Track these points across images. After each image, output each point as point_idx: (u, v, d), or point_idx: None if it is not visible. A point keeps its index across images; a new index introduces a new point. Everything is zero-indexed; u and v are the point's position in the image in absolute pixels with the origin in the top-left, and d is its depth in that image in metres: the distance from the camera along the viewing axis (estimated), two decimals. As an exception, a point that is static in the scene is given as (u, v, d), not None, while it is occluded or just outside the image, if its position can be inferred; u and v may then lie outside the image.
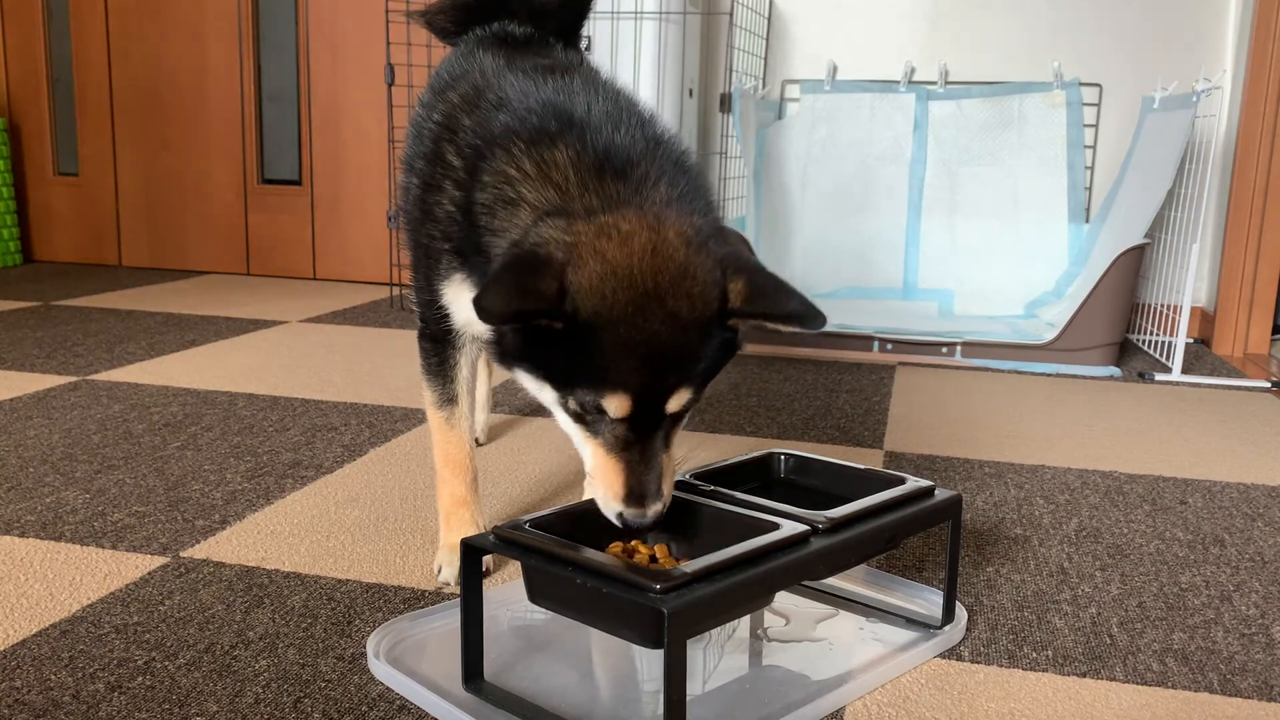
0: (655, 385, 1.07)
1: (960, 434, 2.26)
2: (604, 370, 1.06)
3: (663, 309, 1.06)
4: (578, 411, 1.11)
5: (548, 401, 1.16)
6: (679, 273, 1.07)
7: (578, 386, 1.09)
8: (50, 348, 2.86)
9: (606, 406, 1.08)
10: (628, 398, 1.07)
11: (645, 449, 1.10)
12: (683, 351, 1.08)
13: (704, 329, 1.08)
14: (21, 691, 1.15)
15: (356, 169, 4.11)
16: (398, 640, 1.26)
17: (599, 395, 1.07)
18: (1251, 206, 3.17)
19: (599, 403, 1.08)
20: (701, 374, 1.10)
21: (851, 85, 3.64)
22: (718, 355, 1.12)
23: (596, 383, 1.07)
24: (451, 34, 1.73)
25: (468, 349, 1.47)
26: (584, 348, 1.06)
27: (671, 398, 1.09)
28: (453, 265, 1.34)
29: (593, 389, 1.08)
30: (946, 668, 1.25)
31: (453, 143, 1.31)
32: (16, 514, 1.67)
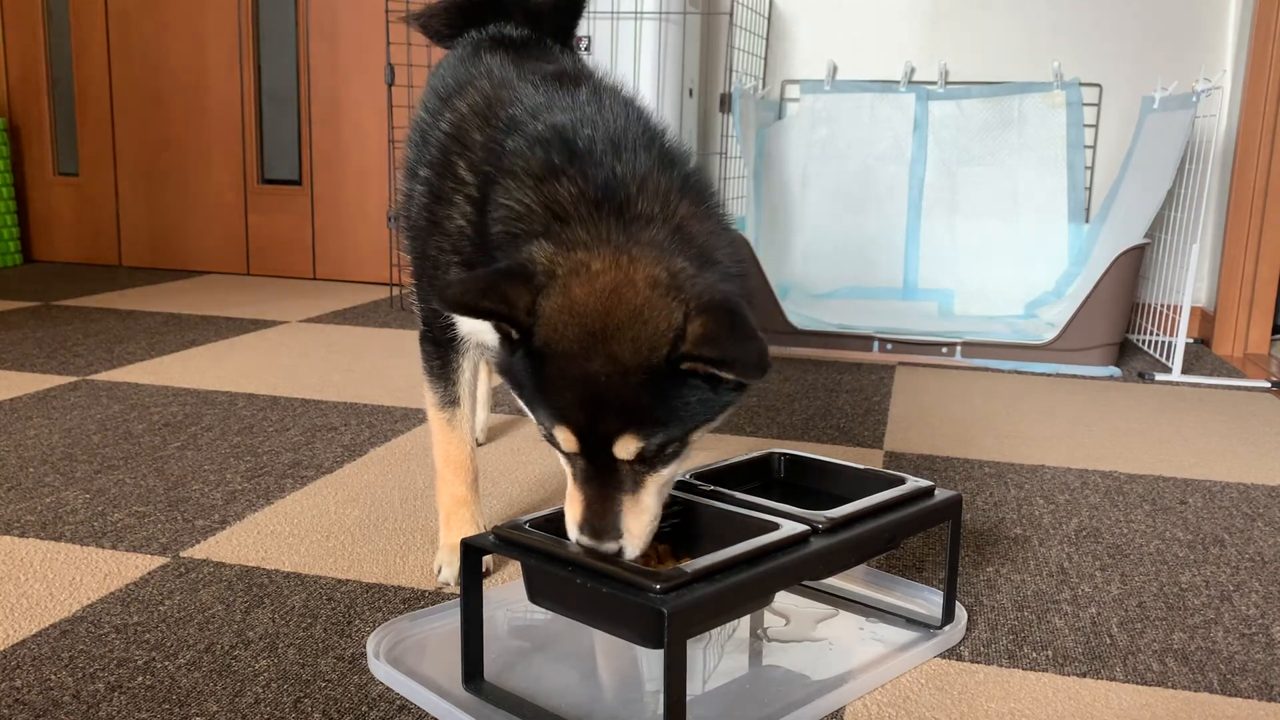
0: (596, 427, 1.05)
1: (960, 434, 2.26)
2: (551, 401, 1.07)
3: (604, 350, 1.03)
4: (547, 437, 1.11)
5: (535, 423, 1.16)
6: (630, 316, 1.04)
7: (539, 412, 1.09)
8: (50, 348, 2.86)
9: (556, 437, 1.08)
10: (571, 433, 1.06)
11: (604, 486, 1.08)
12: (623, 396, 1.03)
13: (648, 374, 1.03)
14: (21, 691, 1.15)
15: (356, 169, 4.11)
16: (398, 640, 1.26)
17: (551, 425, 1.08)
18: (1251, 206, 3.17)
19: (551, 433, 1.08)
20: (653, 422, 1.04)
21: (851, 85, 3.64)
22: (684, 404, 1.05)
23: (547, 412, 1.08)
24: (446, 37, 1.72)
25: (470, 352, 1.47)
26: (539, 374, 1.07)
27: (617, 443, 1.05)
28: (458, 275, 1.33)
29: (546, 418, 1.08)
30: (946, 668, 1.25)
31: (464, 158, 1.30)
32: (16, 514, 1.67)
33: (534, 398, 1.09)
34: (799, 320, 3.08)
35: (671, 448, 1.09)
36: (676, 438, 1.08)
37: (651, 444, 1.06)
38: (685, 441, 1.11)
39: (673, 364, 1.03)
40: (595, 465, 1.08)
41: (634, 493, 1.09)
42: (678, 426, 1.07)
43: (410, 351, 2.89)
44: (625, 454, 1.06)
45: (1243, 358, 3.17)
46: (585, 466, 1.09)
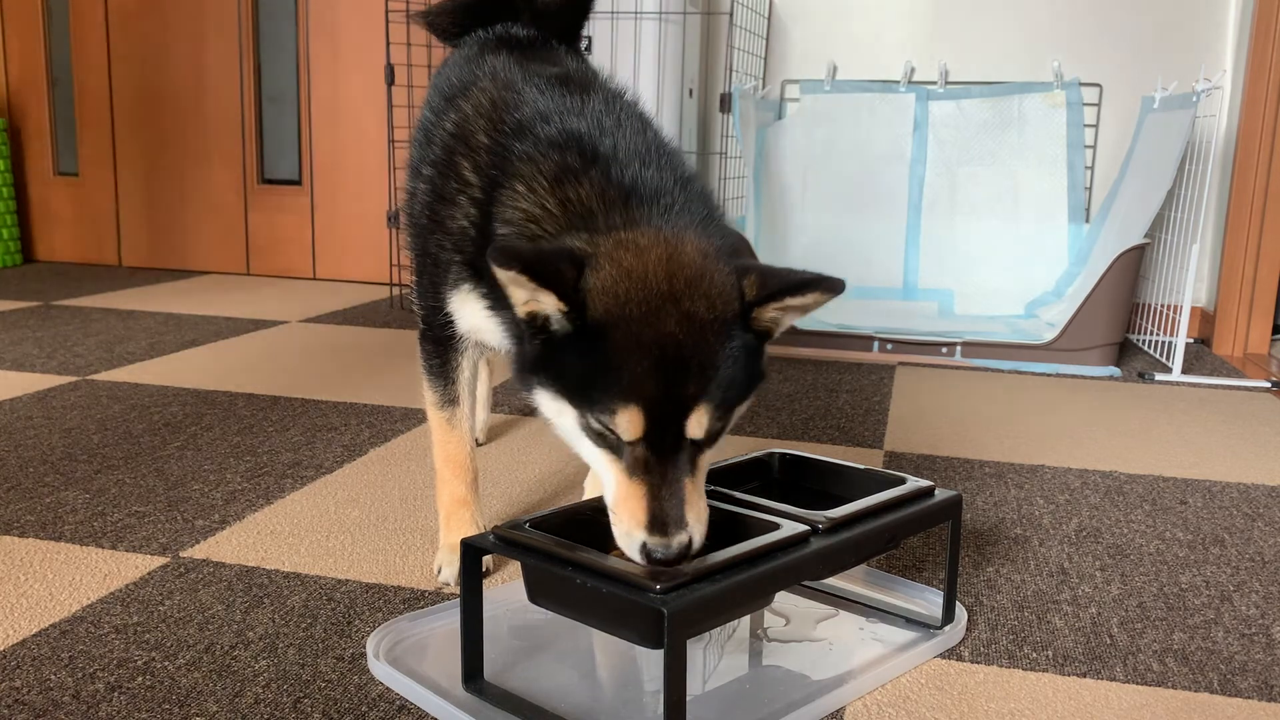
0: (671, 397, 1.01)
1: (960, 434, 2.26)
2: (617, 379, 1.02)
3: (678, 309, 1.03)
4: (599, 432, 1.05)
5: (569, 428, 1.10)
6: (695, 276, 1.05)
7: (593, 400, 1.04)
8: (50, 347, 2.86)
9: (619, 424, 1.02)
10: (640, 412, 1.01)
11: (669, 472, 1.03)
12: (701, 357, 1.02)
13: (722, 331, 1.04)
14: (21, 691, 1.15)
15: (356, 169, 4.11)
16: (398, 640, 1.26)
17: (611, 409, 1.02)
18: (1251, 206, 3.17)
19: (612, 420, 1.03)
20: (723, 388, 1.04)
21: (851, 85, 3.64)
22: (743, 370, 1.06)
23: (609, 394, 1.02)
24: (452, 35, 1.72)
25: (470, 352, 1.47)
26: (596, 353, 1.03)
27: (691, 415, 1.02)
28: (462, 276, 1.33)
29: (605, 402, 1.02)
30: (946, 668, 1.25)
31: (469, 159, 1.30)
32: (16, 514, 1.67)
33: (588, 382, 1.04)
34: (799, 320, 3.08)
35: (722, 422, 1.07)
36: (733, 407, 1.08)
37: (720, 414, 1.05)
38: (729, 418, 1.09)
39: (746, 314, 1.06)
40: (657, 451, 1.03)
41: (693, 476, 1.06)
42: (731, 397, 1.06)
43: (410, 351, 2.89)
44: (698, 429, 1.03)
45: (1243, 358, 3.17)
46: (644, 455, 1.03)
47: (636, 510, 1.03)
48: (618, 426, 1.03)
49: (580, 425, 1.08)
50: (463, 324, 1.39)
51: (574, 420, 1.08)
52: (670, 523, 1.02)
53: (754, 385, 1.10)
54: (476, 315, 1.33)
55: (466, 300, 1.34)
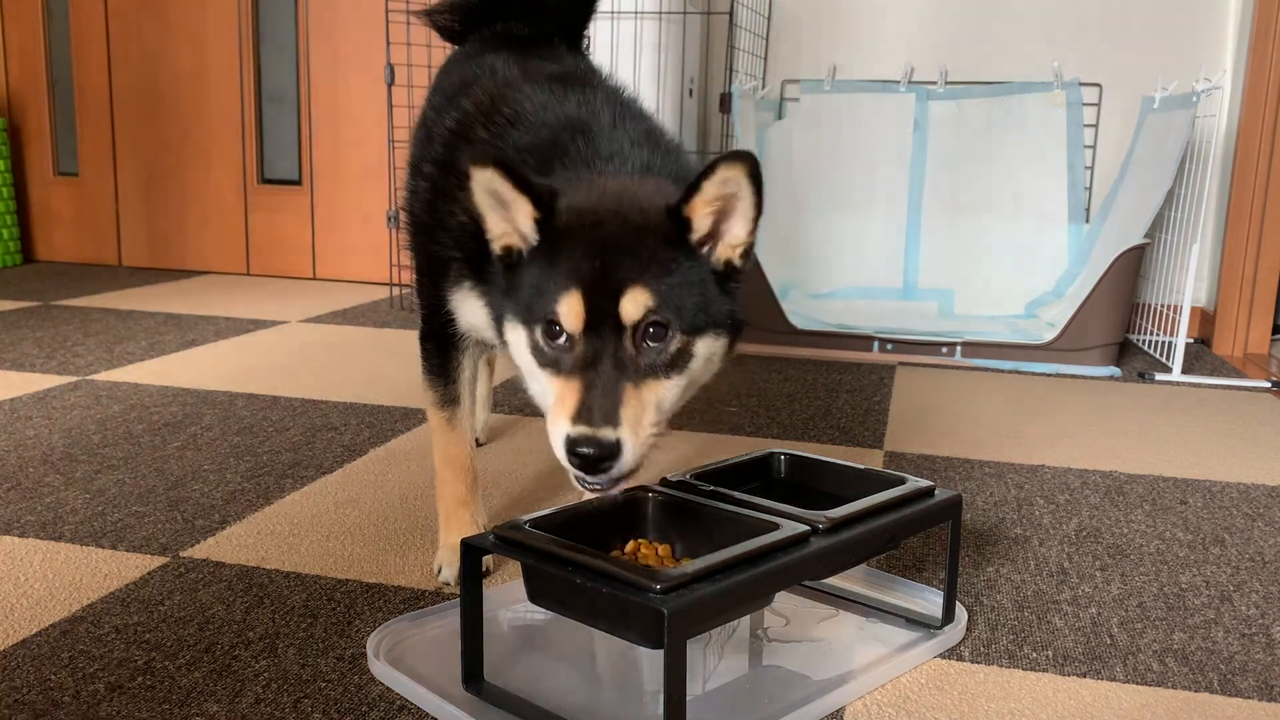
0: (607, 279, 1.07)
1: (960, 434, 2.26)
2: (560, 273, 1.09)
3: (617, 217, 1.12)
4: (543, 347, 1.11)
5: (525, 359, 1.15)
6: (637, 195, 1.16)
7: (541, 301, 1.10)
8: (50, 348, 2.86)
9: (560, 312, 1.08)
10: (578, 296, 1.07)
11: (605, 369, 1.07)
12: (634, 250, 1.09)
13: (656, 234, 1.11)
14: (21, 691, 1.15)
15: (356, 169, 4.11)
16: (398, 640, 1.26)
17: (554, 300, 1.08)
18: (1251, 206, 3.17)
19: (555, 312, 1.08)
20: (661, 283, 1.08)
21: (851, 85, 3.64)
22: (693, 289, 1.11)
23: (553, 288, 1.09)
24: (455, 34, 1.73)
25: (470, 351, 1.47)
26: (550, 258, 1.10)
27: (625, 296, 1.07)
28: (462, 273, 1.34)
29: (550, 296, 1.09)
30: (946, 668, 1.25)
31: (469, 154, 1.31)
32: (16, 514, 1.67)
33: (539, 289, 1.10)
34: (799, 320, 3.08)
35: (675, 343, 1.10)
36: (680, 328, 1.10)
37: (659, 311, 1.07)
38: (689, 350, 1.11)
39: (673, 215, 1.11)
40: (596, 346, 1.07)
41: (635, 383, 1.07)
42: (680, 311, 1.09)
43: (410, 351, 2.89)
44: (634, 312, 1.07)
45: (1243, 358, 3.17)
46: (583, 353, 1.07)
47: (566, 402, 1.07)
48: (559, 316, 1.08)
49: (530, 347, 1.13)
50: (463, 322, 1.39)
51: (525, 343, 1.13)
52: (598, 413, 1.05)
53: (715, 317, 1.14)
54: (476, 313, 1.34)
55: (467, 298, 1.34)
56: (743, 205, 1.13)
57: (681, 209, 1.11)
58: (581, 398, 1.06)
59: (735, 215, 1.13)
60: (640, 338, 1.09)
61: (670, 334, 1.10)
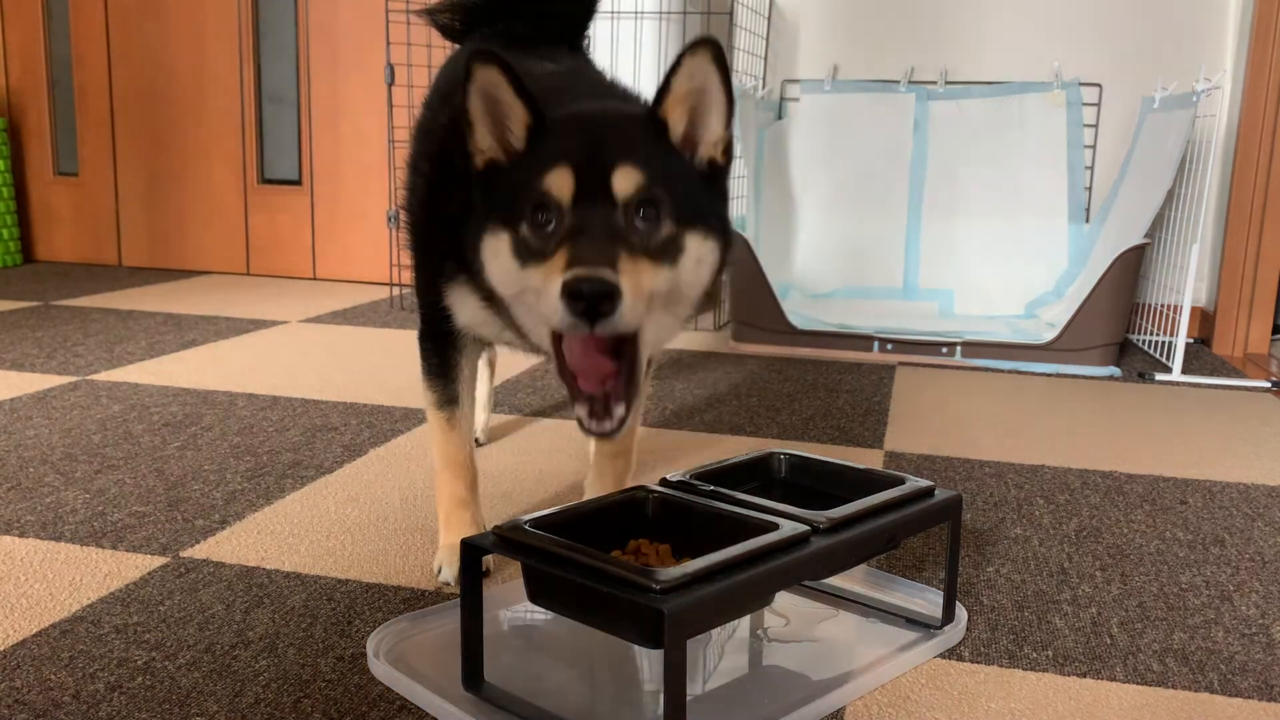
0: (597, 158, 1.08)
1: (960, 434, 2.26)
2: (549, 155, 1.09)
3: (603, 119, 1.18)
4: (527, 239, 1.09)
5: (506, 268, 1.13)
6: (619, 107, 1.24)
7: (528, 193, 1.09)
8: (50, 348, 2.86)
9: (549, 185, 1.07)
10: (569, 168, 1.07)
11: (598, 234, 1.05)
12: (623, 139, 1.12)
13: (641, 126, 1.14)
14: (21, 691, 1.15)
15: (356, 169, 4.11)
16: (398, 640, 1.26)
17: (542, 180, 1.08)
18: (1251, 206, 3.17)
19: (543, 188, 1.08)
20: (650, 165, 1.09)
21: (852, 85, 3.64)
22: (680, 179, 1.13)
23: (542, 169, 1.09)
24: (457, 32, 1.73)
25: (469, 349, 1.47)
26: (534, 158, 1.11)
27: (617, 171, 1.07)
28: (458, 268, 1.34)
29: (538, 180, 1.09)
30: (946, 668, 1.25)
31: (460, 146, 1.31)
32: (16, 514, 1.67)
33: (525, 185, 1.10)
34: (799, 320, 3.08)
35: (666, 228, 1.09)
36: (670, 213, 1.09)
37: (650, 189, 1.07)
38: (679, 242, 1.10)
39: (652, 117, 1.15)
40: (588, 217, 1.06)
41: (631, 254, 1.06)
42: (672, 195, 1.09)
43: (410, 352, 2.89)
44: (626, 186, 1.07)
45: (1243, 358, 3.17)
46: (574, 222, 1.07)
47: (557, 261, 1.05)
48: (548, 188, 1.07)
49: (513, 249, 1.11)
50: (460, 318, 1.39)
51: (509, 248, 1.12)
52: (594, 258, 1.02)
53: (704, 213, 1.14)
54: (473, 308, 1.34)
55: (463, 293, 1.35)
56: (714, 96, 1.15)
57: (657, 111, 1.14)
58: (574, 251, 1.04)
59: (709, 110, 1.15)
60: (632, 216, 1.08)
61: (661, 216, 1.09)
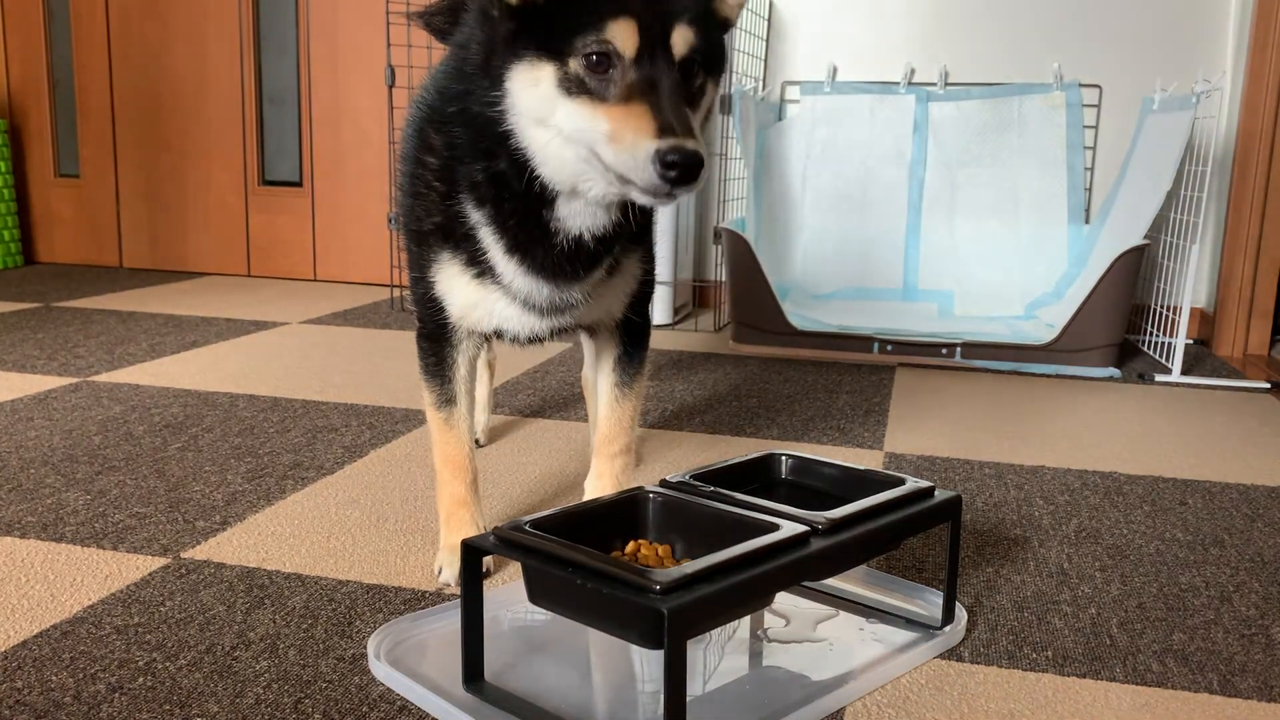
0: (655, 9, 1.10)
1: (960, 434, 2.26)
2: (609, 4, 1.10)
3: None
4: (580, 75, 1.11)
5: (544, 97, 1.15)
6: None
7: (581, 31, 1.10)
8: (51, 349, 2.86)
9: (613, 37, 1.09)
10: (632, 21, 1.09)
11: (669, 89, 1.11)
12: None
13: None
14: (23, 692, 1.15)
15: (357, 171, 4.12)
16: (398, 641, 1.26)
17: (603, 26, 1.10)
18: (1251, 207, 3.17)
19: (607, 37, 1.09)
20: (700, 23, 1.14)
21: (851, 86, 3.64)
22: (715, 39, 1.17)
23: (603, 17, 1.10)
24: (449, 35, 1.73)
25: (465, 347, 1.48)
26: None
27: (675, 30, 1.11)
28: (439, 245, 1.37)
29: (599, 26, 1.10)
30: (946, 668, 1.25)
31: (429, 119, 1.36)
32: (17, 515, 1.67)
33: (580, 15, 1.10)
34: (799, 321, 3.09)
35: (699, 79, 1.16)
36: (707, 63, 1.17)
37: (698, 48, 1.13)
38: (704, 90, 1.18)
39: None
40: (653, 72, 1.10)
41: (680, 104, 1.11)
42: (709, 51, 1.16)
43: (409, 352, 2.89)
44: (682, 45, 1.12)
45: (1242, 359, 3.17)
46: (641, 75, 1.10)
47: (643, 122, 1.08)
48: (614, 39, 1.10)
49: (559, 81, 1.13)
50: (454, 306, 1.40)
51: (553, 80, 1.14)
52: (680, 127, 1.08)
53: (718, 71, 1.21)
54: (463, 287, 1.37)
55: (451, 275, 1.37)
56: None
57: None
58: (656, 114, 1.08)
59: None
60: (681, 71, 1.14)
61: (699, 71, 1.16)
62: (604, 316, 1.48)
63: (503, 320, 1.39)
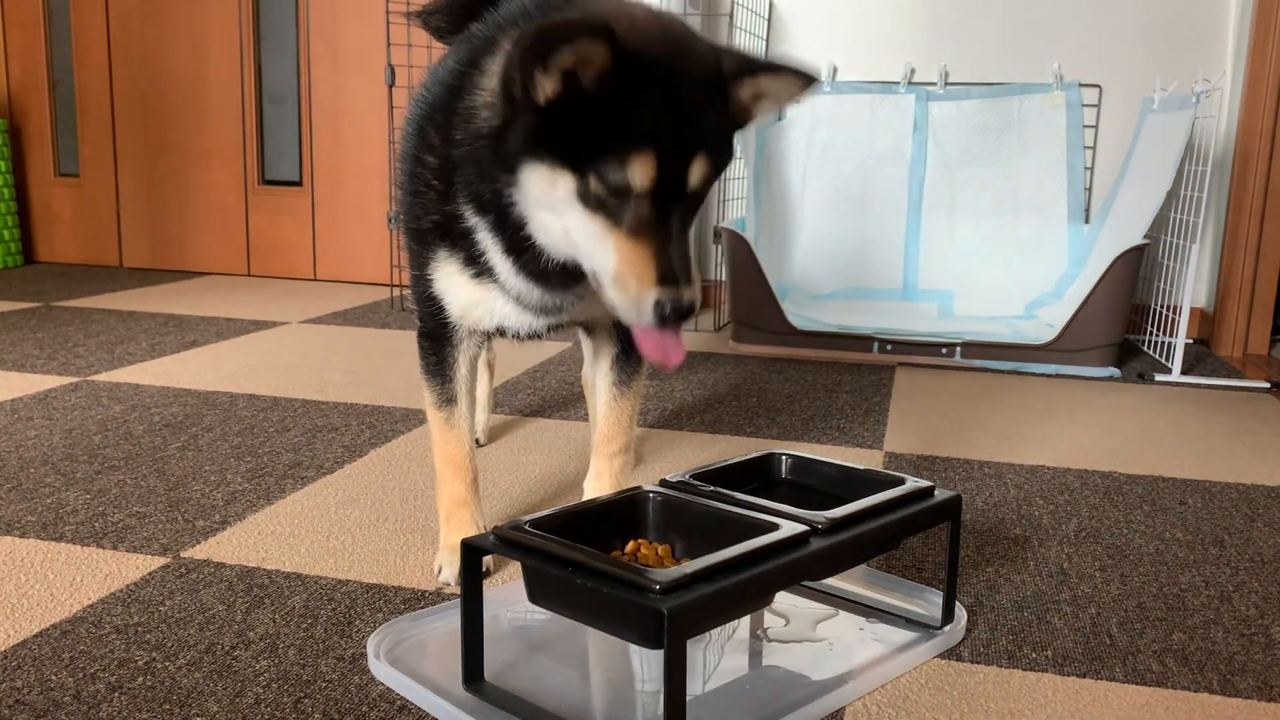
0: (680, 142, 1.09)
1: (960, 434, 2.26)
2: (631, 129, 1.08)
3: (682, 68, 1.12)
4: (599, 196, 1.10)
5: (560, 202, 1.13)
6: (686, 41, 1.16)
7: (602, 153, 1.08)
8: (51, 348, 2.86)
9: (632, 173, 1.08)
10: (653, 157, 1.07)
11: (673, 229, 1.10)
12: (702, 110, 1.11)
13: (715, 93, 1.14)
14: (22, 692, 1.15)
15: (357, 170, 4.12)
16: (398, 640, 1.26)
17: (624, 157, 1.08)
18: (1251, 207, 3.17)
19: (623, 172, 1.08)
20: (718, 145, 1.13)
21: (851, 86, 3.64)
22: (726, 142, 1.16)
23: (623, 142, 1.08)
24: (447, 33, 1.73)
25: (466, 346, 1.48)
26: (614, 107, 1.07)
27: (694, 163, 1.10)
28: (437, 244, 1.36)
29: (618, 151, 1.08)
30: (946, 668, 1.25)
31: (429, 118, 1.35)
32: (17, 514, 1.67)
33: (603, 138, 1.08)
34: (799, 321, 3.09)
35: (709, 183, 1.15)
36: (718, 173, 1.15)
37: (711, 180, 1.13)
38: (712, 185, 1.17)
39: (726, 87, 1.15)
40: (661, 206, 1.10)
41: (683, 238, 1.12)
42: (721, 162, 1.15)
43: (409, 352, 2.89)
44: (697, 180, 1.11)
45: (1242, 358, 3.17)
46: (649, 211, 1.09)
47: (646, 269, 1.09)
48: (631, 174, 1.08)
49: (576, 193, 1.12)
50: (454, 306, 1.40)
51: (570, 190, 1.12)
52: (680, 277, 1.09)
53: (726, 161, 1.19)
54: (463, 286, 1.36)
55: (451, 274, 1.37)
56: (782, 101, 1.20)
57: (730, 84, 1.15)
58: (659, 262, 1.09)
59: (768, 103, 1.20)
60: (690, 199, 1.13)
61: (705, 195, 1.16)
62: (600, 314, 1.48)
63: (503, 318, 1.40)
